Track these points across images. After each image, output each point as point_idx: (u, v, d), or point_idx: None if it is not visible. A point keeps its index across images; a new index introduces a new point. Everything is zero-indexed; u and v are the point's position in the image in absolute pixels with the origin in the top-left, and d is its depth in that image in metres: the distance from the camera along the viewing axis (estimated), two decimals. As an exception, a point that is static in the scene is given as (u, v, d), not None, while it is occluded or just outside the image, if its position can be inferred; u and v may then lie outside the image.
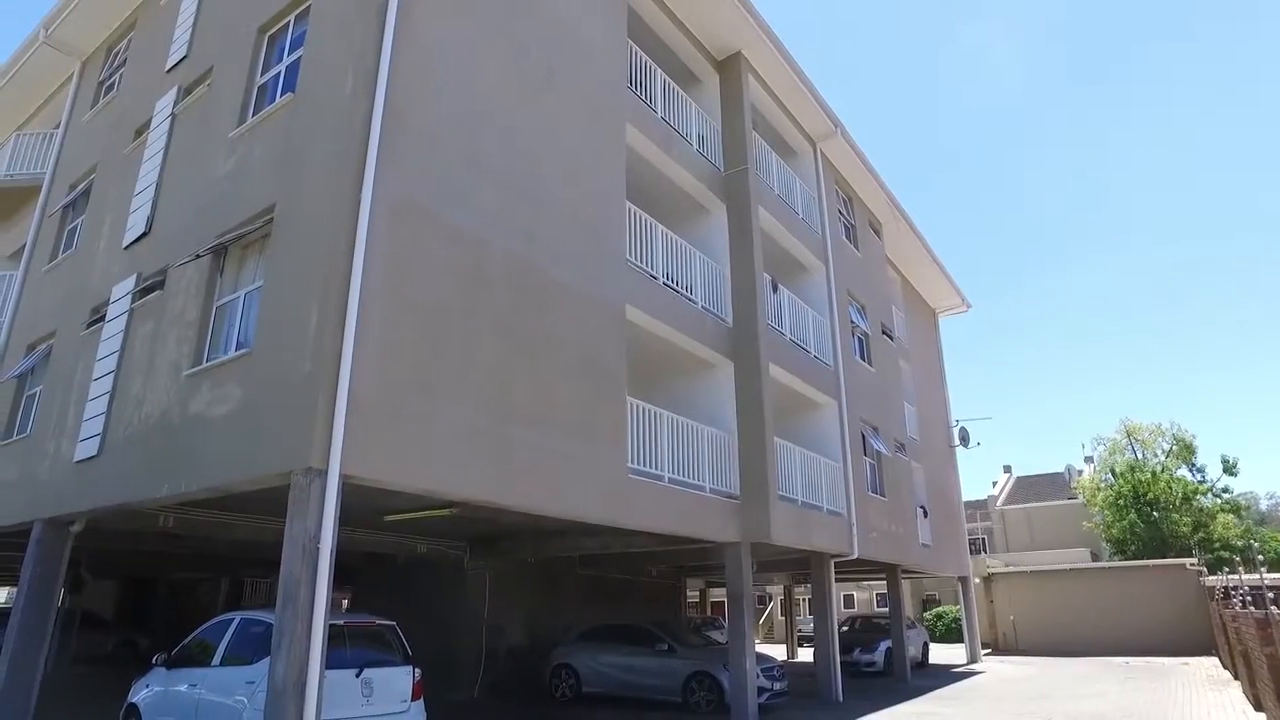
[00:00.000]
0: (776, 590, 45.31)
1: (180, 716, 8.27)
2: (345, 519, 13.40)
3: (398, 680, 8.13)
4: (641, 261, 12.00)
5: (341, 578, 18.86)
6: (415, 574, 16.64)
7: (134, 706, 9.02)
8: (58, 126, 15.65)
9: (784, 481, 13.63)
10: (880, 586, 42.40)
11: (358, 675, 7.67)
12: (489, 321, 8.83)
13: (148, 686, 8.98)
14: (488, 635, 16.04)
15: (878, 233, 22.13)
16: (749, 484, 13.06)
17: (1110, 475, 40.21)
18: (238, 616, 8.59)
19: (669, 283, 12.58)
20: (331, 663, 7.89)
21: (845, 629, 22.25)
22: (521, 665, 16.41)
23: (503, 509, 8.77)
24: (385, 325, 7.60)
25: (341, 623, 8.41)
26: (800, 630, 33.75)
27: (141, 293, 10.35)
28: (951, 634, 33.40)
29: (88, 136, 14.32)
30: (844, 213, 20.13)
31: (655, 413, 11.50)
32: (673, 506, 11.37)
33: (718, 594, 38.96)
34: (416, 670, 8.43)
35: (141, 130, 12.26)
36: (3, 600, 33.22)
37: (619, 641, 15.10)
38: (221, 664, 8.21)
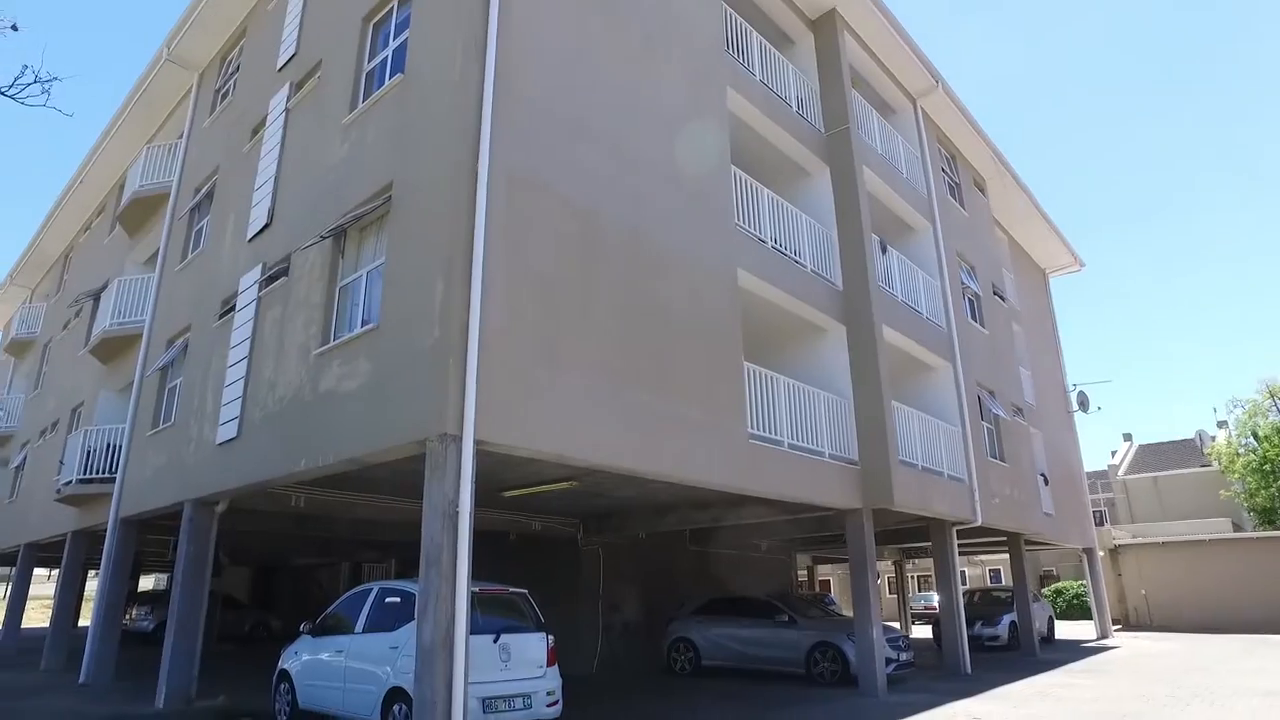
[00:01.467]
0: (884, 567, 44.37)
1: (329, 679, 8.61)
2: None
3: (533, 646, 8.21)
4: (749, 226, 11.77)
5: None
6: (529, 552, 16.90)
7: (285, 672, 9.45)
8: (181, 137, 16.50)
9: (903, 446, 13.18)
10: (994, 562, 40.96)
11: (495, 641, 7.78)
12: (605, 289, 8.79)
13: (296, 654, 9.39)
14: (603, 611, 16.18)
15: (982, 190, 21.14)
16: (868, 449, 12.69)
17: (1252, 439, 37.48)
18: (375, 587, 8.86)
19: (777, 246, 12.29)
20: (474, 627, 8.09)
21: (964, 602, 21.51)
22: (636, 640, 16.49)
23: (630, 475, 8.74)
24: (507, 294, 7.64)
25: (476, 590, 8.56)
26: (911, 607, 32.86)
27: (267, 281, 10.78)
28: (1072, 610, 31.89)
29: (208, 142, 15.03)
30: (948, 171, 19.31)
31: (771, 377, 11.28)
32: (794, 472, 11.15)
33: (824, 571, 38.40)
34: (550, 637, 8.51)
35: (258, 129, 12.76)
36: (150, 585, 35.74)
37: (738, 614, 14.97)
38: (364, 631, 8.49)
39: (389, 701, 7.71)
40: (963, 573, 42.52)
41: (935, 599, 38.63)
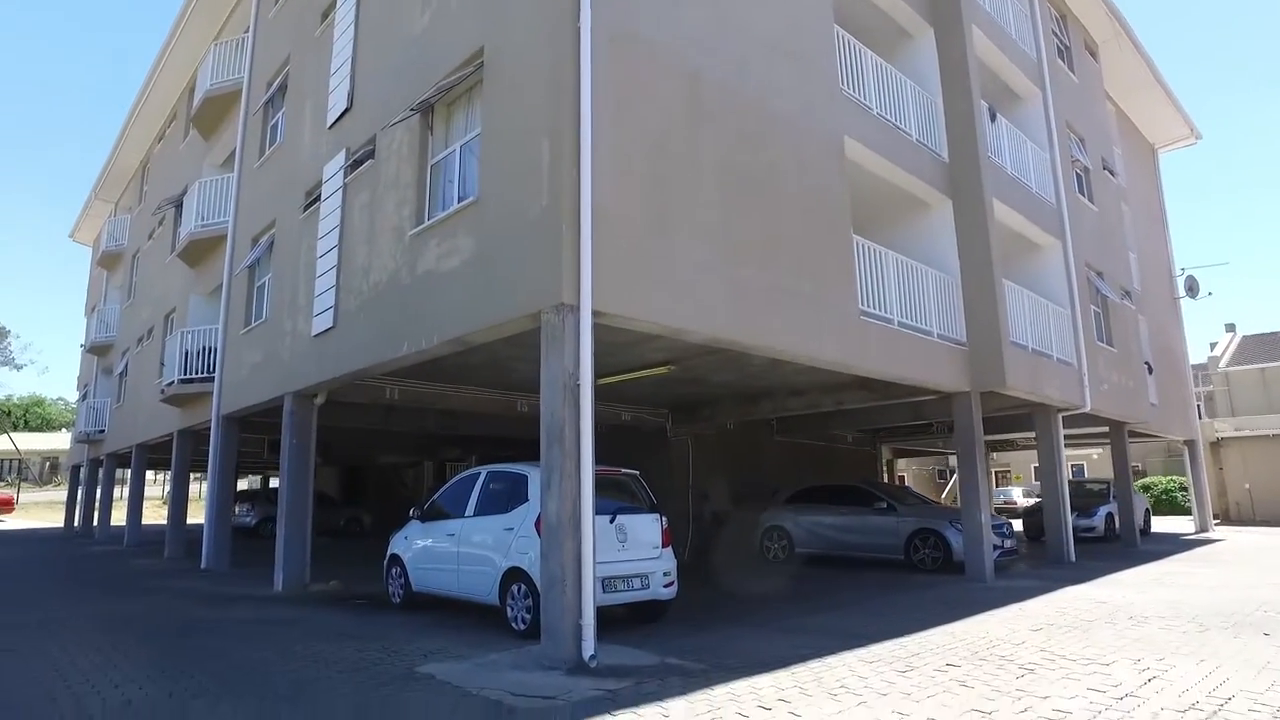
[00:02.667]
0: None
1: (442, 563, 8.64)
2: (537, 385, 13.58)
3: (649, 528, 8.05)
4: (854, 92, 10.85)
5: (536, 450, 19.62)
6: (617, 443, 16.80)
7: (396, 557, 9.56)
8: (247, 30, 16.06)
9: (1013, 327, 12.42)
10: (1076, 458, 39.91)
11: (611, 521, 7.60)
12: (712, 156, 8.17)
13: (406, 539, 9.46)
14: (693, 500, 16.15)
15: (1094, 55, 19.32)
16: (977, 329, 11.99)
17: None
18: (483, 471, 8.76)
19: (883, 115, 11.36)
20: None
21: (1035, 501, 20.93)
22: (726, 529, 16.48)
23: (742, 349, 8.31)
24: (615, 158, 7.10)
25: (596, 470, 8.39)
26: (990, 502, 32.34)
27: (352, 166, 10.44)
28: (1161, 506, 30.95)
29: (276, 32, 14.55)
30: (1058, 33, 17.61)
31: (881, 252, 10.59)
32: (904, 351, 10.58)
33: (900, 465, 38.03)
34: (663, 518, 8.33)
35: (328, 11, 12.21)
36: (244, 486, 37.57)
37: (833, 502, 14.74)
38: (474, 515, 8.43)
39: (506, 582, 7.68)
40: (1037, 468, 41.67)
41: (1015, 494, 38.27)
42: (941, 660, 6.42)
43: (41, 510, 41.55)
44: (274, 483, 34.25)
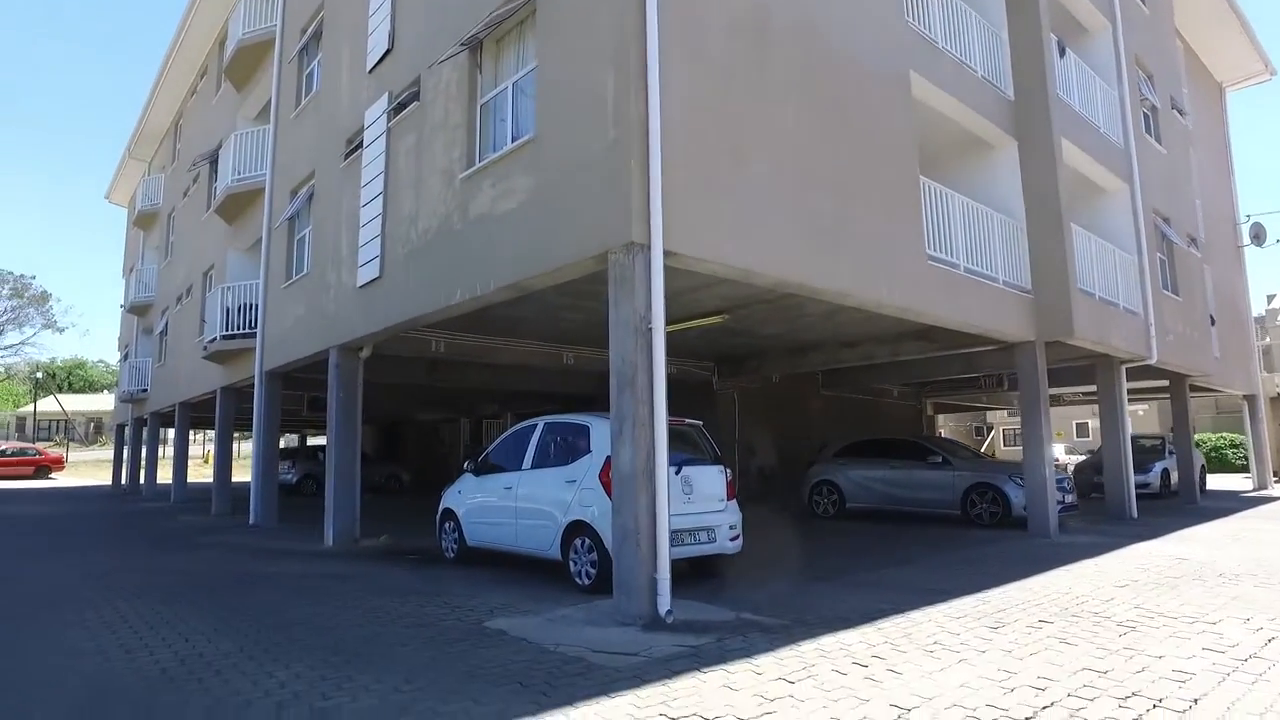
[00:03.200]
0: (1003, 419, 43.15)
1: (498, 517, 8.42)
2: (596, 338, 13.22)
3: (714, 480, 7.75)
4: (919, 24, 10.21)
5: (578, 404, 19.41)
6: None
7: (449, 511, 9.37)
8: (276, -25, 15.59)
9: (1080, 273, 11.83)
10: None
11: (677, 473, 7.28)
12: (780, 88, 7.68)
13: (459, 493, 9.26)
14: (739, 455, 15.87)
15: (1161, -15, 18.23)
16: (1042, 276, 11.45)
17: None
18: (540, 422, 8.47)
19: (947, 48, 10.71)
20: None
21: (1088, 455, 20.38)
22: (773, 484, 16.21)
23: (810, 292, 7.90)
24: (683, 90, 6.64)
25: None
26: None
27: (395, 110, 10.06)
28: (1212, 463, 30.12)
29: (308, -26, 14.07)
30: (1124, -39, 16.58)
31: (947, 194, 10.06)
32: (970, 298, 10.11)
33: (940, 420, 37.44)
34: (728, 470, 8.03)
35: (363, -51, 11.71)
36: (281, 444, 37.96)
37: (885, 456, 14.37)
38: (532, 467, 8.18)
39: (569, 536, 7.44)
40: (1085, 425, 40.91)
41: (1057, 451, 37.54)
42: (1032, 617, 6.09)
43: (89, 468, 42.46)
44: (312, 440, 34.57)
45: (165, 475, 24.65)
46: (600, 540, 7.06)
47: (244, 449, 37.65)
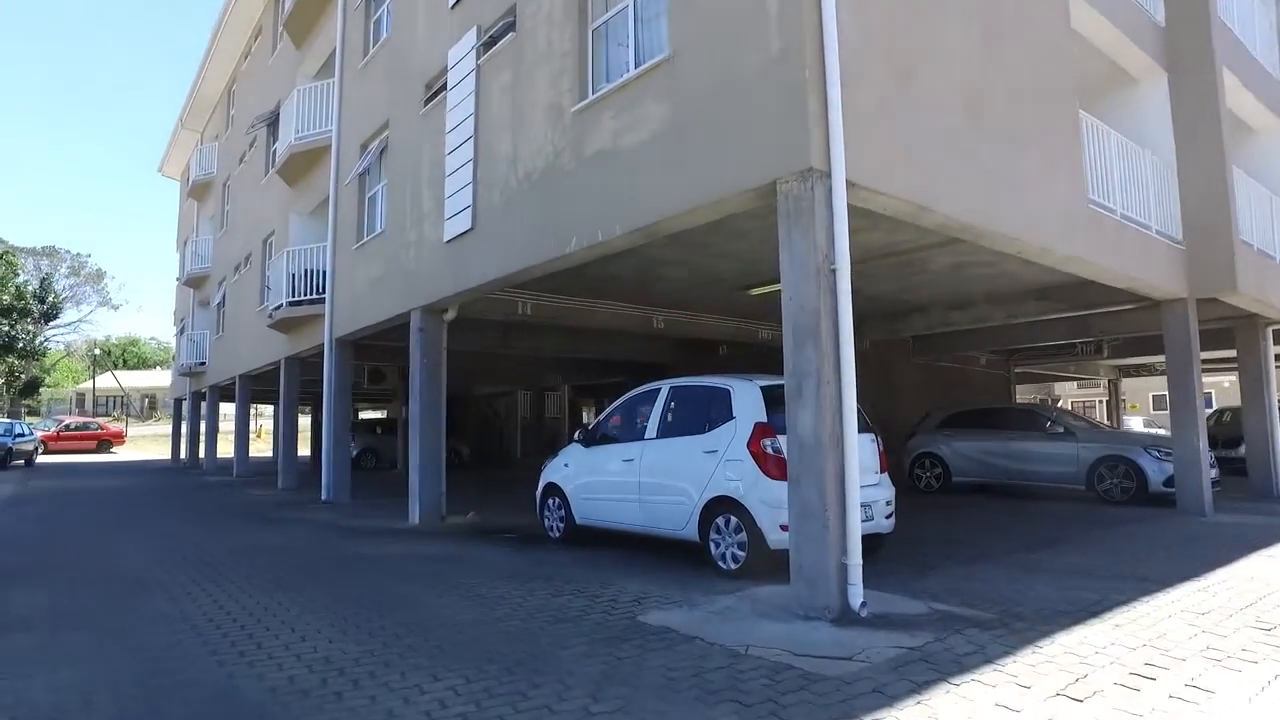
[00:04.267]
0: (1069, 390, 41.46)
1: (618, 493, 7.53)
2: (689, 300, 12.24)
3: (868, 450, 6.75)
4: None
5: (651, 373, 18.43)
6: (743, 364, 15.63)
7: (553, 486, 8.52)
8: (336, -80, 14.69)
9: (1240, 223, 10.56)
10: (1209, 383, 37.16)
11: (832, 441, 6.33)
12: (942, 4, 6.57)
13: (566, 466, 8.41)
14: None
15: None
16: (1197, 226, 10.22)
17: None
18: (665, 386, 7.55)
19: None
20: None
21: (1212, 422, 18.90)
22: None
23: (975, 234, 6.82)
24: (853, -14, 5.60)
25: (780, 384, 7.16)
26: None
27: (486, 45, 9.12)
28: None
29: (373, -87, 13.15)
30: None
31: (1103, 130, 8.86)
32: (1127, 247, 8.95)
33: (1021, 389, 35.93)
34: (879, 438, 7.05)
35: (438, -124, 10.73)
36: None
37: (994, 426, 13.26)
38: (659, 436, 7.28)
39: (709, 514, 6.55)
40: (1163, 396, 38.99)
41: (1135, 425, 35.83)
42: (1293, 613, 5.07)
43: (147, 443, 42.80)
44: (367, 414, 34.22)
45: (223, 449, 24.39)
46: (751, 519, 6.17)
47: (300, 423, 37.54)
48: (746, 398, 6.58)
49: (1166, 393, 10.94)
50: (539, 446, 26.09)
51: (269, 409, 38.54)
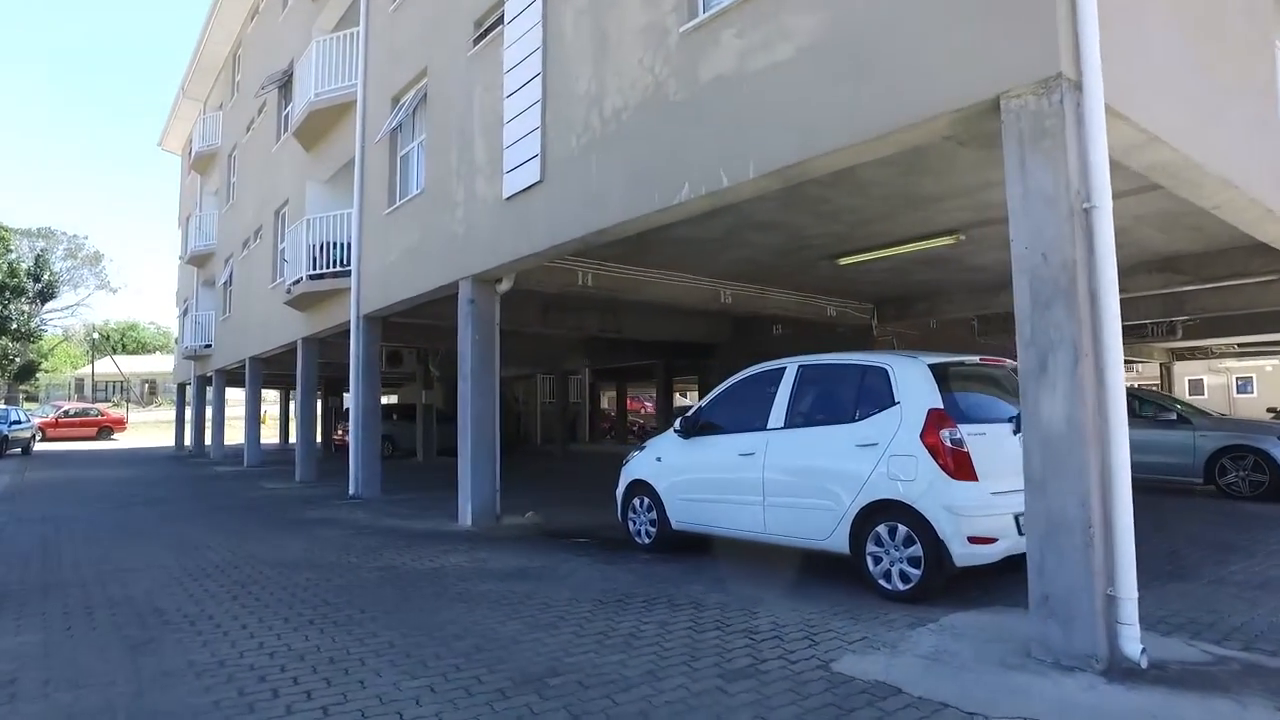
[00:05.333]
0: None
1: (734, 493, 6.27)
2: (760, 273, 11.00)
3: (1010, 444, 5.47)
4: None
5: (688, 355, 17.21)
6: (802, 343, 14.40)
7: (641, 483, 7.27)
8: None
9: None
10: (1246, 369, 36.04)
11: (1016, 432, 5.09)
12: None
13: (658, 460, 7.17)
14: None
15: None
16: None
17: None
18: (792, 364, 6.28)
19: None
20: (981, 414, 5.48)
21: (1273, 414, 17.79)
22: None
23: (1197, 175, 5.52)
24: None
25: (978, 360, 5.92)
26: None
27: (554, -32, 7.80)
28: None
29: None
30: None
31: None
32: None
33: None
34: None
35: None
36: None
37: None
38: (788, 426, 6.03)
39: (865, 522, 5.31)
40: (1200, 380, 37.84)
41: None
42: None
43: (148, 429, 41.52)
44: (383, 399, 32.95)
45: (229, 437, 23.14)
46: (930, 528, 4.94)
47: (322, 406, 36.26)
48: (912, 378, 5.33)
49: (1204, 377, 9.77)
50: (560, 432, 24.88)
51: (273, 394, 37.28)
